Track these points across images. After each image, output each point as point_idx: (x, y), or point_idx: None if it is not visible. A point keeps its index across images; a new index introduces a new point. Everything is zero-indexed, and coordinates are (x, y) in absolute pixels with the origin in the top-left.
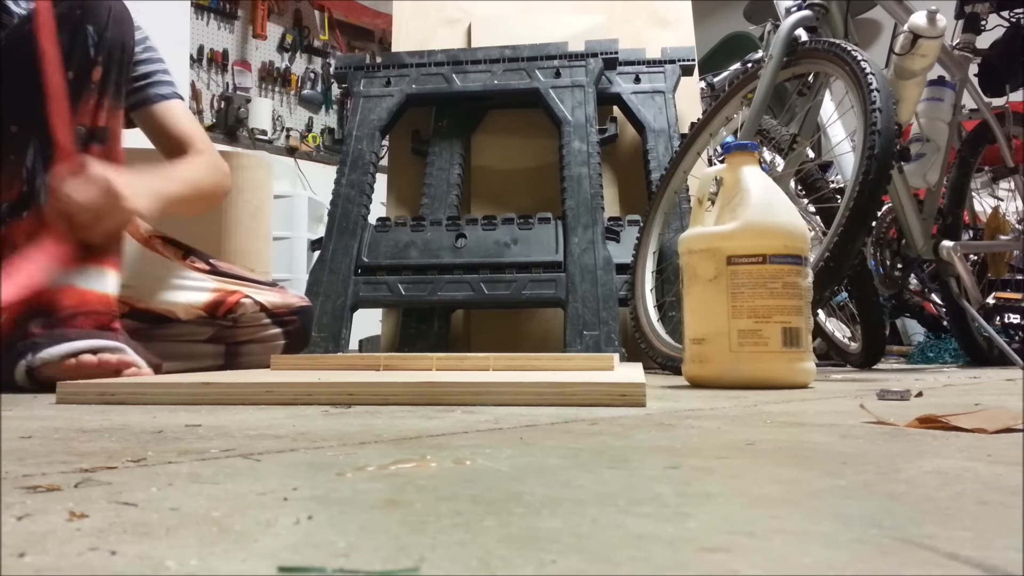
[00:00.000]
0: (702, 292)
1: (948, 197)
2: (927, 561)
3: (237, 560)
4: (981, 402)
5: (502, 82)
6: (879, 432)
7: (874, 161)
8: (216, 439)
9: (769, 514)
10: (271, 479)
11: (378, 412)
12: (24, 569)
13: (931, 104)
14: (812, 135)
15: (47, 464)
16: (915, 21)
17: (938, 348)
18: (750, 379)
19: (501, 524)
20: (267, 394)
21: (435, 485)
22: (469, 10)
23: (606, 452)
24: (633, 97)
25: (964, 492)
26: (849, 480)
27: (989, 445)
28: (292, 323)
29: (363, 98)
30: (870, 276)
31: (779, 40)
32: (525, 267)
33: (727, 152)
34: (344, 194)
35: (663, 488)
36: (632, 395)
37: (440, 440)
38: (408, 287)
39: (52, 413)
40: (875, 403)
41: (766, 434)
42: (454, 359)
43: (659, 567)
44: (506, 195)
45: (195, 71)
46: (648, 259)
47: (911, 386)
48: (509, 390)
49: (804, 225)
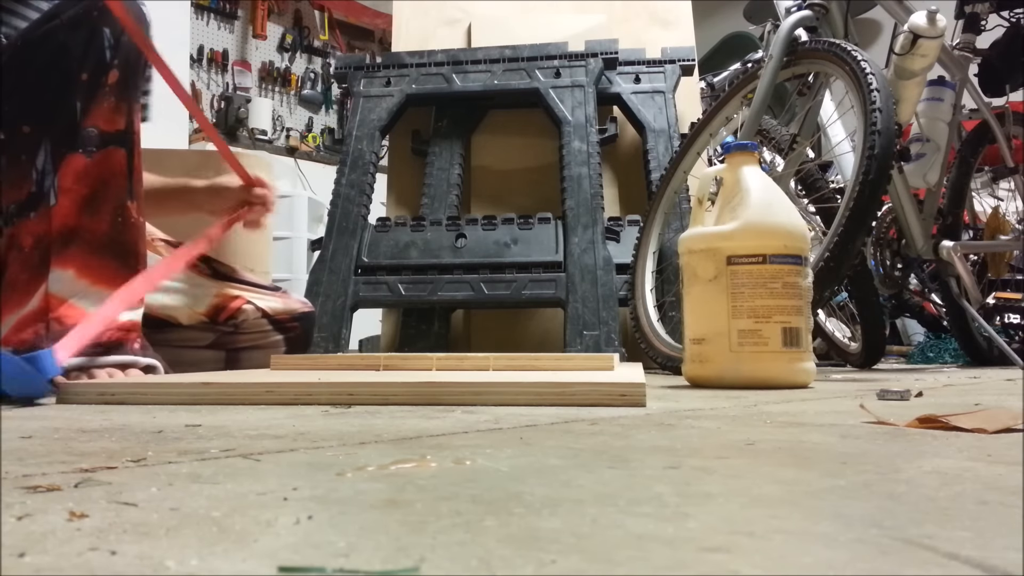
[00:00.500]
0: (702, 292)
1: (948, 197)
2: (927, 561)
3: (237, 560)
4: (981, 402)
5: (502, 82)
6: (879, 432)
7: (874, 161)
8: (216, 439)
9: (769, 514)
10: (271, 479)
11: (378, 412)
12: (24, 569)
13: (931, 104)
14: (812, 135)
15: (47, 464)
16: (915, 21)
17: (938, 348)
18: (750, 379)
19: (501, 524)
20: (267, 394)
21: (435, 485)
22: (469, 10)
23: (606, 452)
24: (633, 97)
25: (964, 492)
26: (849, 480)
27: (989, 445)
28: (294, 330)
29: (363, 98)
30: (870, 276)
31: (779, 40)
32: (525, 267)
33: (727, 152)
34: (344, 194)
35: (663, 488)
36: (632, 395)
37: (440, 440)
38: (408, 287)
39: (52, 413)
40: (875, 403)
41: (766, 434)
42: (454, 359)
43: (659, 567)
44: (506, 195)
45: (195, 71)
46: (648, 259)
47: (911, 386)
48: (509, 390)
49: (804, 225)
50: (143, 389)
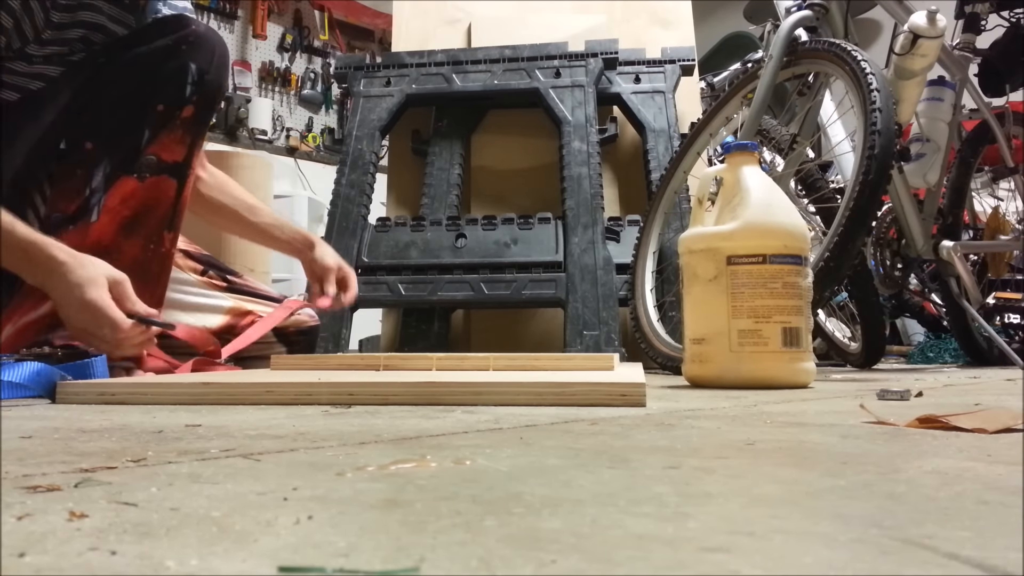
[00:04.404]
0: (702, 292)
1: (948, 197)
2: (927, 561)
3: (237, 560)
4: (981, 402)
5: (502, 82)
6: (879, 432)
7: (874, 161)
8: (216, 439)
9: (769, 514)
10: (271, 479)
11: (378, 412)
12: (24, 569)
13: (931, 104)
14: (812, 135)
15: (47, 464)
16: (915, 21)
17: (938, 348)
18: (750, 379)
19: (501, 524)
20: (267, 394)
21: (435, 485)
22: (469, 10)
23: (606, 452)
24: (633, 97)
25: (964, 492)
26: (849, 480)
27: (989, 445)
28: (298, 343)
29: (363, 98)
30: (870, 276)
31: (779, 40)
32: (525, 267)
33: (727, 152)
34: (344, 194)
35: (663, 488)
36: (632, 395)
37: (440, 440)
38: (408, 287)
39: (52, 413)
40: (875, 403)
41: (766, 434)
42: (454, 359)
43: (659, 567)
44: (506, 195)
45: None
46: (648, 259)
47: (911, 386)
48: (509, 390)
49: (804, 225)
50: (143, 389)
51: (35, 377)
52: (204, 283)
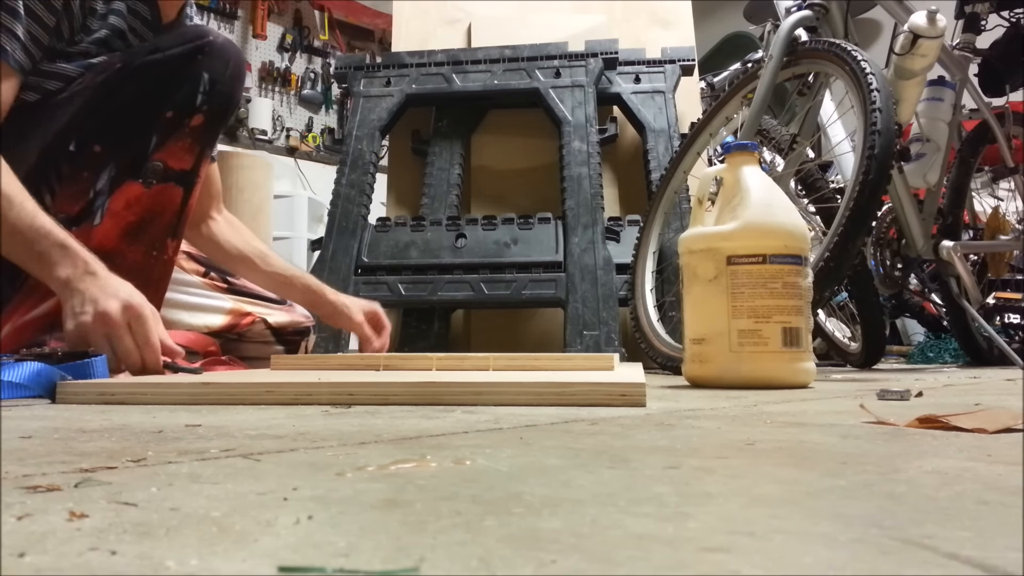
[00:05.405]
0: (702, 292)
1: (948, 197)
2: (927, 561)
3: (237, 560)
4: (981, 402)
5: (502, 82)
6: (879, 432)
7: (874, 161)
8: (216, 439)
9: (769, 514)
10: (271, 479)
11: (378, 412)
12: (24, 569)
13: (931, 104)
14: (812, 135)
15: (47, 464)
16: (915, 21)
17: (938, 348)
18: (750, 379)
19: (501, 524)
20: (267, 394)
21: (435, 485)
22: (469, 10)
23: (606, 452)
24: (633, 97)
25: (964, 492)
26: (849, 480)
27: (989, 445)
28: (295, 342)
29: (363, 98)
30: (870, 276)
31: (779, 40)
32: (525, 267)
33: (727, 152)
34: (344, 194)
35: (663, 488)
36: (632, 395)
37: (440, 440)
38: (408, 287)
39: (52, 413)
40: (875, 403)
41: (766, 434)
42: (454, 359)
43: (659, 567)
44: (506, 195)
45: None
46: (648, 259)
47: (911, 386)
48: (509, 390)
49: (804, 225)
50: (143, 389)
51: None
52: (206, 284)
